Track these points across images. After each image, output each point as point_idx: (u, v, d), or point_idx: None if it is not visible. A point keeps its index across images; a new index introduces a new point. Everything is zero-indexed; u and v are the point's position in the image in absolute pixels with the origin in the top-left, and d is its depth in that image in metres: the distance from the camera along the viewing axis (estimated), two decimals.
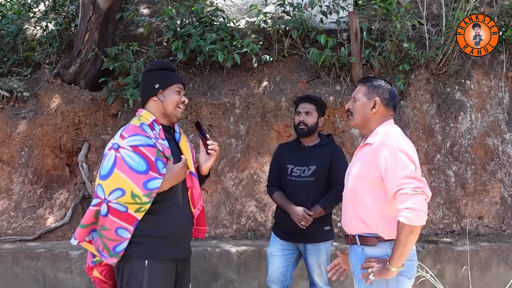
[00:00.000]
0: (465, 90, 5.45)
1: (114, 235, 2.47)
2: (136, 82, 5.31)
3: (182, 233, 2.66)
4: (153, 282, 2.53)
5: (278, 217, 3.72)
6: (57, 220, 5.16)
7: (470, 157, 5.28)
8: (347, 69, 5.37)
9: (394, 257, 2.37)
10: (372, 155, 2.51)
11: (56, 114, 5.31)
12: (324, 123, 5.30)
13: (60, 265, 4.61)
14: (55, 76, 5.43)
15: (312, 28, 5.55)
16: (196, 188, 2.72)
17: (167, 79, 2.68)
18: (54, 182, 5.35)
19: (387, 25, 5.37)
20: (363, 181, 2.53)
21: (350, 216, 2.63)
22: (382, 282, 2.48)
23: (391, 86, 2.69)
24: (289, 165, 3.63)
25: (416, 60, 5.36)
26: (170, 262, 2.61)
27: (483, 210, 5.20)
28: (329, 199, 3.59)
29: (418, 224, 2.31)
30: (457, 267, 4.61)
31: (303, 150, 3.66)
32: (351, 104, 2.70)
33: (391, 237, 2.49)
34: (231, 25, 5.66)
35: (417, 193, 2.32)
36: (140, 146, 2.49)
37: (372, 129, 2.64)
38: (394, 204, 2.45)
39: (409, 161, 2.42)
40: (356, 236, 2.59)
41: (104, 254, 2.51)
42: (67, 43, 6.06)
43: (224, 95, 5.36)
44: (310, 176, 3.56)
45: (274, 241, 3.70)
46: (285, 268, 3.65)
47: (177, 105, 2.68)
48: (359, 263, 2.55)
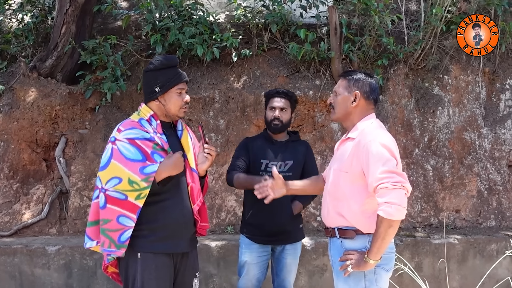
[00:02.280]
0: (443, 85, 5.51)
1: (116, 224, 2.46)
2: (114, 76, 5.25)
3: (178, 227, 2.63)
4: (147, 275, 2.53)
5: (253, 219, 3.47)
6: (34, 216, 5.07)
7: (447, 151, 5.34)
8: (327, 64, 5.38)
9: (372, 250, 2.40)
10: (355, 149, 2.53)
11: (32, 108, 5.22)
12: (304, 117, 5.31)
13: (37, 261, 4.54)
14: (31, 70, 5.33)
15: (292, 23, 5.55)
16: (196, 184, 2.72)
17: (167, 81, 2.64)
18: (31, 177, 5.27)
19: (366, 20, 5.39)
20: (345, 176, 2.55)
21: (329, 209, 2.65)
22: (360, 275, 2.51)
23: (371, 79, 2.69)
24: (263, 160, 3.48)
25: (395, 55, 5.40)
26: (164, 256, 2.60)
27: (460, 203, 5.27)
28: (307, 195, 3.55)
29: (397, 218, 2.34)
30: (434, 260, 4.66)
31: (276, 145, 3.54)
32: (333, 98, 2.72)
33: (369, 230, 2.51)
34: (211, 19, 5.62)
35: (397, 188, 2.34)
36: (136, 139, 2.54)
37: (354, 123, 2.66)
38: (375, 199, 2.47)
39: (391, 156, 2.44)
40: (335, 229, 2.61)
41: (112, 249, 2.50)
42: (44, 36, 5.94)
43: (203, 90, 5.33)
44: (288, 171, 3.45)
45: (249, 247, 3.49)
46: (261, 275, 3.52)
47: (180, 107, 2.68)
48: (338, 255, 2.58)
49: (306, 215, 5.12)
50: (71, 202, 5.10)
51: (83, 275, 4.54)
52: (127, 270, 2.57)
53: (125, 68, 5.37)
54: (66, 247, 4.57)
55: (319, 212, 5.08)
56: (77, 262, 4.54)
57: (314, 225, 5.10)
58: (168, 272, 2.61)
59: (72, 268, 4.54)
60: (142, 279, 2.52)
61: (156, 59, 2.72)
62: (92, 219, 2.58)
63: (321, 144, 5.26)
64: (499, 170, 5.39)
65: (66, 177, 5.22)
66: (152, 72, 2.68)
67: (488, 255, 4.77)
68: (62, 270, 4.54)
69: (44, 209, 5.09)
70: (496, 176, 5.37)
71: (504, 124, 5.52)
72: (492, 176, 5.37)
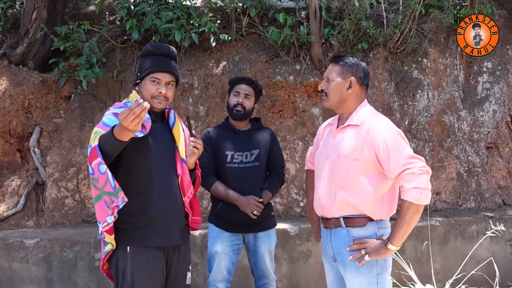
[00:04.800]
0: (422, 69, 5.52)
1: (101, 176, 2.33)
2: (89, 62, 5.09)
3: (168, 219, 2.56)
4: (137, 269, 2.47)
5: (222, 212, 3.39)
6: (10, 208, 4.92)
7: (427, 135, 5.37)
8: (307, 48, 5.32)
9: (396, 235, 2.37)
10: (364, 136, 2.47)
11: (4, 97, 5.03)
12: (284, 102, 5.26)
13: (15, 254, 4.40)
14: (1, 57, 5.12)
15: (270, 7, 5.46)
16: (186, 176, 2.65)
17: (144, 68, 2.58)
18: (5, 169, 5.10)
19: (345, 4, 5.34)
20: (354, 163, 2.49)
21: (332, 199, 2.56)
22: (372, 262, 2.48)
23: (364, 64, 2.64)
24: (228, 152, 3.38)
25: (375, 38, 5.38)
26: (155, 250, 2.53)
27: (440, 186, 5.31)
28: (275, 182, 3.51)
29: (426, 203, 2.35)
30: (417, 242, 4.70)
31: (239, 134, 3.45)
32: (325, 85, 2.64)
33: (380, 217, 2.51)
34: (187, 3, 5.50)
35: (423, 173, 2.34)
36: None
37: (350, 109, 2.61)
38: (385, 184, 2.47)
39: (405, 142, 2.45)
40: (340, 218, 2.55)
41: (114, 201, 2.36)
42: (13, 22, 5.70)
43: (182, 76, 5.22)
44: (254, 160, 3.39)
45: (219, 237, 3.40)
46: (232, 265, 3.42)
47: (152, 96, 2.57)
48: (345, 245, 2.52)
49: (289, 201, 5.10)
50: (48, 194, 4.96)
51: (63, 268, 4.43)
52: (117, 265, 2.50)
53: (100, 55, 5.21)
54: (45, 239, 4.44)
55: (302, 198, 5.06)
56: (57, 254, 4.42)
57: (297, 211, 5.09)
58: (159, 265, 2.54)
59: (51, 261, 4.42)
60: (132, 274, 2.45)
61: (146, 46, 2.66)
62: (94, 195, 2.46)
63: (302, 130, 5.22)
64: (478, 152, 5.46)
65: (42, 168, 5.07)
66: (140, 58, 2.65)
67: (468, 236, 4.84)
68: (42, 263, 4.42)
69: (20, 201, 4.94)
70: (475, 158, 5.44)
71: (482, 106, 5.58)
72: (471, 158, 5.43)
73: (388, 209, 2.53)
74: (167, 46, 2.72)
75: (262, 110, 5.19)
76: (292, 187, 5.11)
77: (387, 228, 2.54)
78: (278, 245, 4.53)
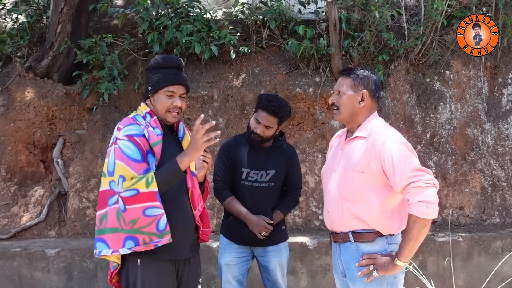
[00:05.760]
0: (445, 81, 5.44)
1: (145, 218, 2.36)
2: (111, 75, 5.17)
3: (179, 233, 2.53)
4: (147, 282, 2.46)
5: (232, 225, 3.35)
6: (33, 218, 5.01)
7: (450, 148, 5.28)
8: (326, 60, 5.30)
9: (404, 251, 2.32)
10: (370, 148, 2.42)
11: (29, 109, 5.15)
12: (304, 115, 5.25)
13: (37, 264, 4.48)
14: (27, 70, 5.25)
15: (290, 19, 5.48)
16: (196, 189, 2.64)
17: (158, 82, 2.57)
18: (29, 179, 5.20)
19: (366, 15, 5.32)
20: (361, 176, 2.44)
21: (341, 213, 2.52)
22: (381, 278, 2.42)
23: (375, 76, 2.60)
24: (244, 169, 3.31)
25: (396, 50, 5.33)
26: (165, 262, 2.52)
27: (463, 200, 5.20)
28: (289, 203, 3.44)
29: (433, 217, 2.28)
30: (439, 258, 4.61)
31: (258, 152, 3.34)
32: (335, 98, 2.59)
33: (389, 232, 2.45)
34: (208, 16, 5.55)
35: (430, 186, 2.28)
36: (134, 136, 2.47)
37: (359, 123, 2.56)
38: (393, 198, 2.41)
39: (412, 154, 2.38)
40: (349, 233, 2.50)
41: (155, 240, 2.38)
42: (39, 35, 5.86)
43: (202, 88, 5.26)
44: (269, 181, 3.31)
45: (227, 248, 3.38)
46: (242, 277, 3.39)
47: (167, 110, 2.56)
48: (354, 261, 2.47)
49: (308, 214, 5.07)
50: (70, 204, 5.03)
51: (83, 278, 4.48)
52: (128, 277, 2.50)
53: (122, 67, 5.29)
54: (65, 249, 4.51)
55: (321, 211, 5.02)
56: (77, 264, 4.48)
57: (316, 224, 5.04)
58: (170, 278, 2.53)
59: (72, 271, 4.48)
60: (142, 286, 2.46)
61: (155, 58, 2.65)
62: (111, 226, 2.42)
63: (322, 142, 5.19)
64: (503, 165, 5.33)
65: (65, 178, 5.15)
66: (149, 71, 2.63)
67: (493, 252, 4.71)
68: (62, 273, 4.48)
69: (43, 211, 5.03)
70: (500, 172, 5.31)
71: (507, 119, 5.45)
72: (496, 172, 5.31)
73: (399, 223, 2.47)
74: (176, 57, 2.73)
75: None
76: (311, 200, 5.08)
77: (397, 244, 2.46)
78: (297, 259, 4.51)
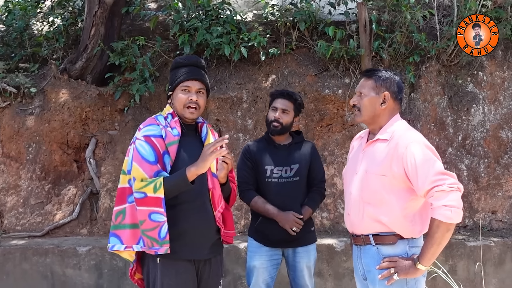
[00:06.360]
0: (478, 82, 5.33)
1: (150, 222, 2.42)
2: (143, 77, 5.27)
3: (198, 233, 2.57)
4: (166, 281, 2.50)
5: (262, 227, 3.35)
6: (65, 216, 5.14)
7: (483, 150, 5.17)
8: (356, 62, 5.27)
9: (426, 255, 2.29)
10: (393, 151, 2.39)
11: (63, 110, 5.28)
12: (333, 116, 5.22)
13: (68, 261, 4.60)
14: (62, 72, 5.40)
15: (320, 20, 5.45)
16: (217, 190, 2.66)
17: (174, 79, 2.64)
18: (62, 178, 5.34)
19: (397, 16, 5.26)
20: (383, 179, 2.41)
21: (361, 215, 2.50)
22: (402, 282, 2.39)
23: (398, 78, 2.57)
24: (267, 166, 3.35)
25: (427, 51, 5.25)
26: (185, 262, 2.55)
27: (496, 204, 5.09)
28: (316, 198, 3.43)
29: (456, 221, 2.24)
30: (469, 263, 4.52)
31: (279, 149, 3.40)
32: (357, 100, 2.57)
33: (411, 235, 2.42)
34: (238, 18, 5.59)
35: (454, 190, 2.24)
36: (152, 137, 2.53)
37: (381, 125, 2.53)
38: (416, 201, 2.38)
39: (436, 157, 2.34)
40: (369, 235, 2.48)
41: (155, 247, 2.44)
42: (74, 38, 6.03)
43: (231, 89, 5.30)
44: (294, 176, 3.33)
45: (257, 251, 3.37)
46: (271, 280, 3.39)
47: (184, 105, 2.61)
48: (375, 263, 2.45)
49: (336, 216, 5.04)
50: (101, 203, 5.14)
51: (113, 276, 4.57)
52: (148, 275, 2.55)
53: (153, 69, 5.38)
54: (96, 247, 4.61)
55: None
56: (107, 263, 4.57)
57: (344, 227, 5.00)
58: (189, 278, 2.56)
59: (102, 268, 4.58)
60: (161, 285, 2.49)
61: (175, 59, 2.73)
62: (130, 222, 2.51)
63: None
64: None
65: (97, 178, 5.27)
66: (171, 72, 2.71)
67: None
68: (93, 270, 4.59)
69: (75, 209, 5.15)
70: None
71: None
72: None
73: (421, 227, 2.43)
74: (196, 56, 2.79)
75: (310, 123, 5.18)
76: (339, 202, 5.05)
77: (419, 247, 2.43)
78: (324, 261, 4.50)
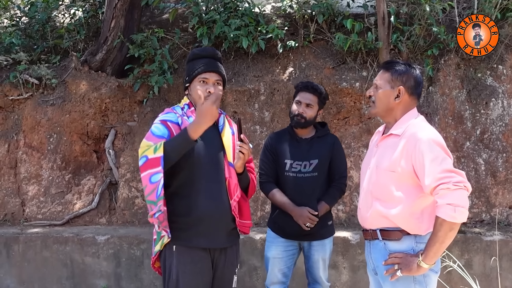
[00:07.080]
0: (497, 75, 5.26)
1: (150, 186, 2.45)
2: (162, 69, 5.32)
3: (213, 221, 2.61)
4: (181, 268, 2.55)
5: (278, 218, 3.41)
6: (85, 206, 5.25)
7: (501, 145, 5.12)
8: (374, 54, 5.25)
9: (429, 253, 2.26)
10: (403, 148, 2.37)
11: (83, 101, 5.37)
12: (350, 109, 5.22)
13: (87, 249, 4.70)
14: (83, 63, 5.48)
15: (338, 13, 5.44)
16: (233, 179, 2.69)
17: (192, 71, 2.69)
18: (82, 168, 5.44)
19: (415, 9, 5.21)
20: (392, 175, 2.39)
21: (370, 210, 2.50)
22: (409, 278, 2.37)
23: (417, 72, 2.52)
24: (287, 160, 3.37)
25: (446, 44, 5.20)
26: (200, 251, 2.60)
27: None
28: (334, 194, 3.43)
29: (460, 221, 2.20)
30: (485, 258, 4.49)
31: (300, 142, 3.40)
32: (373, 91, 2.55)
33: (417, 232, 2.40)
34: (256, 10, 5.61)
35: (459, 188, 2.20)
36: (168, 121, 2.62)
37: (396, 118, 2.50)
38: (425, 198, 2.36)
39: (445, 154, 2.30)
40: (377, 230, 2.47)
41: (153, 209, 2.48)
42: (95, 30, 6.11)
43: (248, 82, 5.33)
44: (312, 171, 3.33)
45: (274, 242, 3.43)
46: (287, 270, 3.45)
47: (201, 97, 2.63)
48: (382, 258, 2.44)
49: (351, 209, 5.05)
50: (120, 193, 5.23)
51: (130, 265, 4.66)
52: (165, 262, 2.61)
53: (172, 61, 5.43)
54: (115, 236, 4.70)
55: None
56: (125, 251, 4.66)
57: None
58: (204, 266, 2.60)
59: (120, 257, 4.67)
60: (177, 272, 2.55)
61: (192, 51, 2.78)
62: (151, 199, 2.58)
63: (368, 137, 5.15)
64: None
65: (116, 168, 5.36)
66: (187, 64, 2.76)
67: None
68: (111, 259, 4.68)
69: (95, 199, 5.26)
70: None
71: None
72: None
73: (427, 225, 2.40)
74: (212, 48, 2.84)
75: (327, 116, 5.18)
76: (355, 195, 5.06)
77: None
78: (339, 253, 4.52)
